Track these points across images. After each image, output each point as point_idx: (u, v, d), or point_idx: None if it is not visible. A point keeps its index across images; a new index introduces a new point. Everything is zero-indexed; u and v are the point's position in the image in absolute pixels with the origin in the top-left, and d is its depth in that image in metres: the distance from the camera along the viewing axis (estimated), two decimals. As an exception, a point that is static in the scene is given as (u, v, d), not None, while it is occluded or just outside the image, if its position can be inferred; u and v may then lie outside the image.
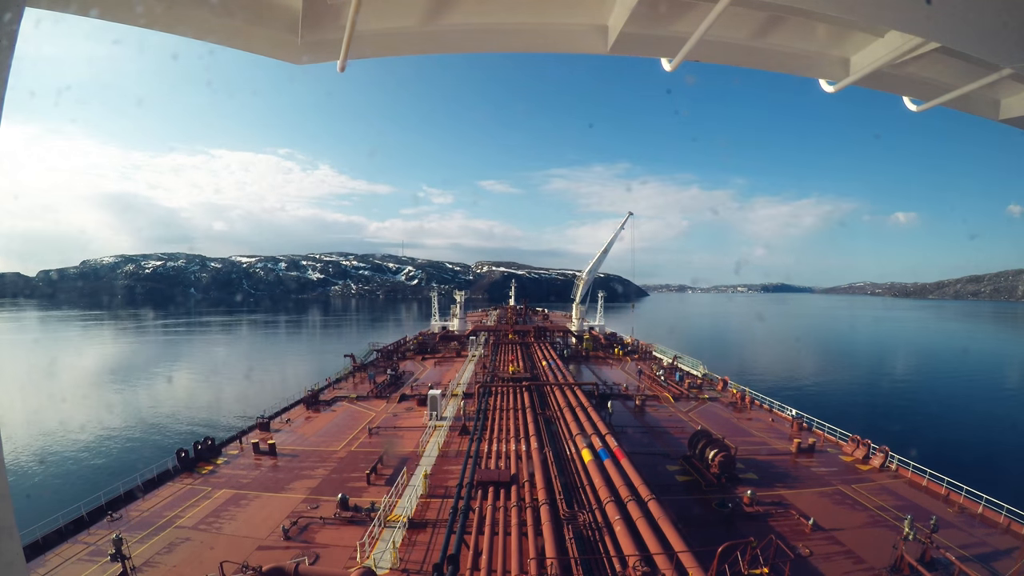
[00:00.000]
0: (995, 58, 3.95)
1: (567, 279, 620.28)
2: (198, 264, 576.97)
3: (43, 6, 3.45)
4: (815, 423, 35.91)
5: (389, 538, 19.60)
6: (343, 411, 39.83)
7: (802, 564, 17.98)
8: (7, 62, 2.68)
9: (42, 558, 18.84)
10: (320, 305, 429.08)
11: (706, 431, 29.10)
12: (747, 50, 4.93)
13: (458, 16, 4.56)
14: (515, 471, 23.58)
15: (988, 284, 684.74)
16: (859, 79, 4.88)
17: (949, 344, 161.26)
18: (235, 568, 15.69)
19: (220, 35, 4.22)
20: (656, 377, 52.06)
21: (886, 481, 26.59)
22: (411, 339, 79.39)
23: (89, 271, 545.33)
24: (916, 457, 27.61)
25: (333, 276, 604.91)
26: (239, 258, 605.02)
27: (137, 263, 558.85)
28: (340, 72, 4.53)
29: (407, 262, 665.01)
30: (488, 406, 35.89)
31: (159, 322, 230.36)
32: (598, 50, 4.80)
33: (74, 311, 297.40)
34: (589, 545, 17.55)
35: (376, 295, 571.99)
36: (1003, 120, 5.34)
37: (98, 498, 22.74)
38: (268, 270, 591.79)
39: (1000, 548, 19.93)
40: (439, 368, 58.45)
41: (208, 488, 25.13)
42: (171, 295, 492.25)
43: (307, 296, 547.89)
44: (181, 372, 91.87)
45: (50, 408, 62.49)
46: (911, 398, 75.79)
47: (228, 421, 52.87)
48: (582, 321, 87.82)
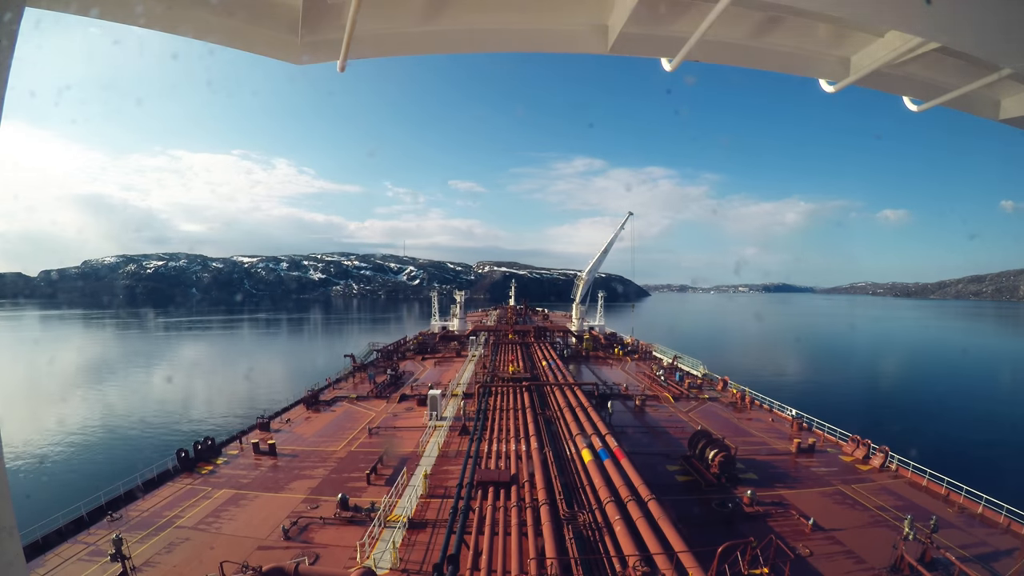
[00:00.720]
0: (995, 58, 3.95)
1: (568, 279, 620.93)
2: (199, 264, 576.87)
3: (43, 6, 3.46)
4: (815, 423, 35.92)
5: (389, 538, 19.60)
6: (343, 411, 39.82)
7: (802, 564, 17.98)
8: (7, 62, 2.68)
9: (42, 558, 18.84)
10: (321, 305, 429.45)
11: (706, 431, 29.10)
12: (747, 50, 4.93)
13: (458, 16, 4.56)
14: (515, 471, 23.58)
15: (990, 284, 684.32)
16: (859, 79, 4.88)
17: (949, 344, 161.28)
18: (235, 568, 15.68)
19: (220, 35, 4.23)
20: (656, 377, 52.06)
21: (886, 481, 26.60)
22: (411, 339, 79.37)
23: (90, 271, 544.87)
24: (916, 457, 27.61)
25: (335, 276, 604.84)
26: (240, 258, 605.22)
27: (139, 263, 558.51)
28: (340, 72, 4.53)
29: (408, 262, 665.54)
30: (488, 406, 35.88)
31: (160, 320, 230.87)
32: (598, 50, 4.80)
33: (75, 311, 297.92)
34: (589, 545, 17.54)
35: (378, 295, 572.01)
36: (1003, 120, 5.34)
37: (98, 498, 22.75)
38: (269, 270, 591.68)
39: (1000, 548, 19.93)
40: (439, 368, 58.44)
41: (208, 488, 25.13)
42: (172, 295, 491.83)
43: (308, 296, 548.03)
44: (181, 372, 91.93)
45: (50, 408, 62.53)
46: (911, 398, 75.79)
47: (228, 421, 52.85)
48: (582, 321, 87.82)
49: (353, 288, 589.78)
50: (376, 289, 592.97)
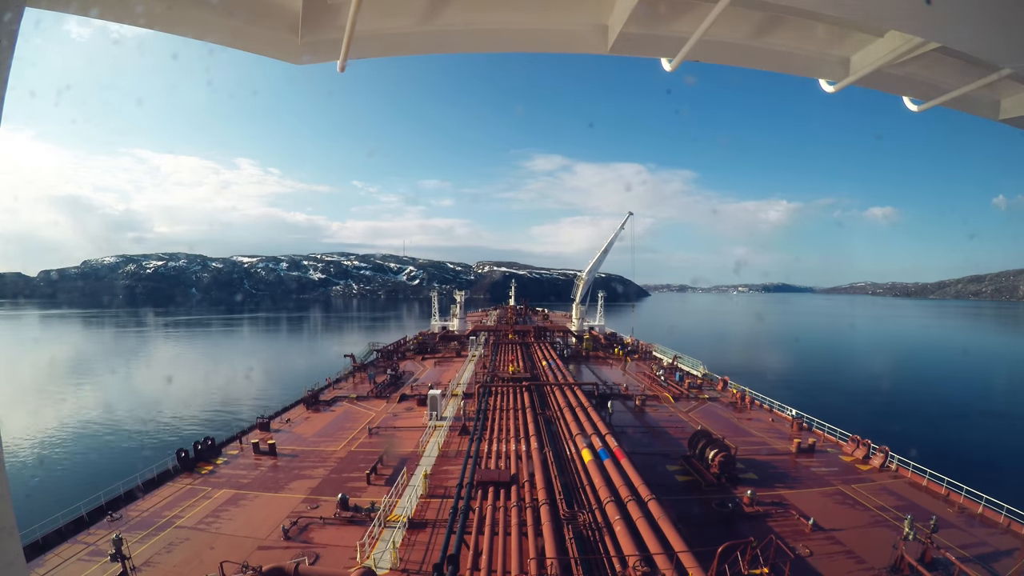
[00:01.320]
0: (995, 58, 3.95)
1: (568, 279, 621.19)
2: (199, 264, 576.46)
3: (43, 6, 3.46)
4: (815, 423, 35.92)
5: (389, 538, 19.60)
6: (343, 411, 39.82)
7: (802, 564, 17.98)
8: (7, 62, 2.68)
9: (42, 558, 18.83)
10: (321, 304, 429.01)
11: (706, 431, 29.10)
12: (747, 50, 4.93)
13: (458, 16, 4.56)
14: (515, 471, 23.58)
15: (989, 284, 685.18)
16: (859, 79, 4.88)
17: (949, 344, 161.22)
18: (235, 568, 15.69)
19: (220, 35, 4.23)
20: (656, 377, 52.07)
21: (886, 481, 26.59)
22: (411, 339, 79.38)
23: (90, 271, 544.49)
24: (916, 457, 27.61)
25: (335, 276, 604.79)
26: (240, 258, 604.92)
27: (138, 263, 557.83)
28: (340, 72, 4.54)
29: (408, 262, 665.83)
30: (488, 406, 35.88)
31: (159, 320, 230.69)
32: (598, 50, 4.80)
33: (74, 310, 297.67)
34: (589, 545, 17.54)
35: (377, 295, 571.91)
36: (1003, 120, 5.34)
37: (98, 498, 22.74)
38: (269, 270, 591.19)
39: (1000, 548, 19.93)
40: (439, 368, 58.44)
41: (208, 488, 25.13)
42: (172, 295, 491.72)
43: (308, 296, 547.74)
44: (181, 372, 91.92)
45: (50, 407, 62.50)
46: (911, 398, 75.77)
47: (228, 421, 52.84)
48: (582, 321, 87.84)
49: (353, 288, 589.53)
50: (376, 289, 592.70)
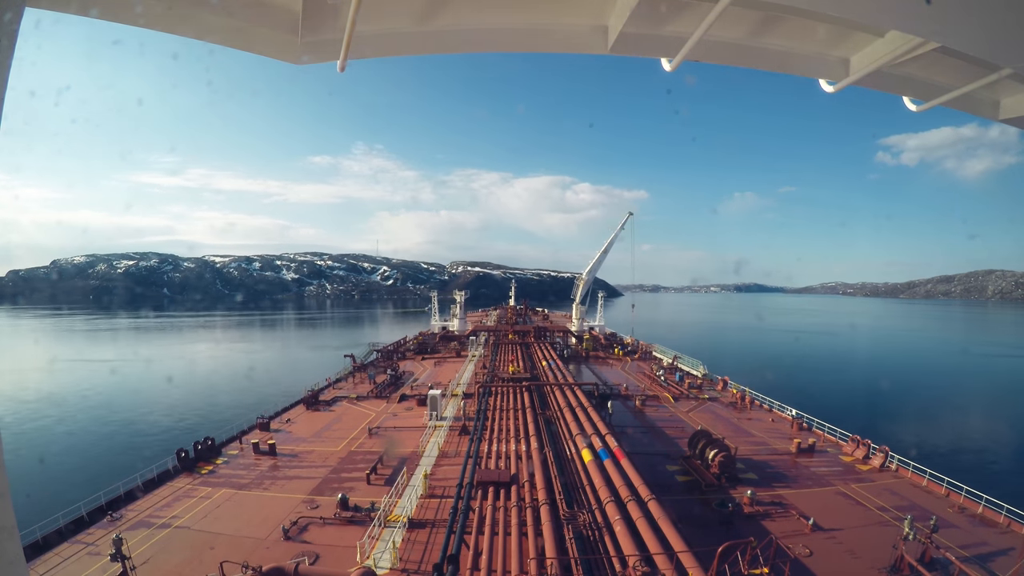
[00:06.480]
0: (995, 58, 3.95)
1: (541, 278, 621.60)
2: (171, 264, 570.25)
3: (43, 6, 3.46)
4: (815, 423, 35.91)
5: (389, 538, 19.60)
6: (343, 411, 39.82)
7: (802, 564, 17.99)
8: (7, 62, 2.68)
9: (42, 558, 18.84)
10: (295, 305, 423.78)
11: (706, 431, 29.07)
12: (747, 50, 4.94)
13: (458, 16, 4.56)
14: (515, 471, 23.58)
15: (959, 284, 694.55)
16: (859, 79, 4.89)
17: (950, 343, 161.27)
18: (235, 568, 15.69)
19: (220, 35, 4.24)
20: (656, 377, 52.05)
21: (886, 481, 26.59)
22: (411, 339, 79.47)
23: (59, 271, 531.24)
24: (916, 457, 27.63)
25: (308, 276, 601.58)
26: (213, 258, 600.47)
27: (109, 263, 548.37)
28: (340, 72, 4.54)
29: (382, 262, 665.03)
30: (488, 406, 35.88)
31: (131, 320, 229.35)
32: (598, 50, 4.80)
33: (43, 310, 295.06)
34: (589, 545, 17.54)
35: (351, 295, 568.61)
36: (1003, 120, 5.35)
37: (98, 498, 22.74)
38: (242, 270, 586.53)
39: (1000, 548, 19.93)
40: (439, 368, 58.42)
41: (208, 488, 25.13)
42: (143, 295, 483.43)
43: (282, 296, 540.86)
44: (181, 371, 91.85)
45: (51, 407, 62.45)
46: (912, 398, 75.76)
47: (228, 420, 52.80)
48: (582, 321, 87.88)
49: (327, 288, 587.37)
50: (350, 289, 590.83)
